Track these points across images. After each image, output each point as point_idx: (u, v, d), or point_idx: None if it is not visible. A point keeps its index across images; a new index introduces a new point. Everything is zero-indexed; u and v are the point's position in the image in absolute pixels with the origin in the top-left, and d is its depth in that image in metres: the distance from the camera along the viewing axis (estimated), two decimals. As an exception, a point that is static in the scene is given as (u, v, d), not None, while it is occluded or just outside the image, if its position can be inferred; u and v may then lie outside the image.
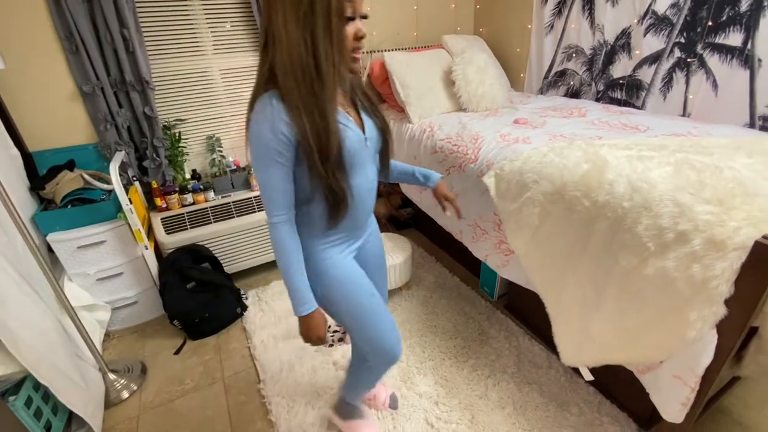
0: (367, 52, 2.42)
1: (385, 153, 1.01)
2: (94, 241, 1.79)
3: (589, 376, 1.31)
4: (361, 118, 0.93)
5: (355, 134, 0.88)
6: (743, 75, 1.57)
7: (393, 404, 1.51)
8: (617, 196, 1.11)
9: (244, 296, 2.18)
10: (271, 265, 2.44)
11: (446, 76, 2.26)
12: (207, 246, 2.11)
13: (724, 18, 1.59)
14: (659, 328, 1.02)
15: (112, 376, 1.66)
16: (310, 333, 0.94)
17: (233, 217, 2.17)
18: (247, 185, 2.30)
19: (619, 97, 2.04)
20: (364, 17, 0.81)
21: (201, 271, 2.01)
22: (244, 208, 2.21)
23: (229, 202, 2.18)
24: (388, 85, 2.30)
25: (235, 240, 2.20)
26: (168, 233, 2.03)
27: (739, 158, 1.17)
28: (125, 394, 1.65)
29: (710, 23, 1.63)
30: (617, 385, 1.44)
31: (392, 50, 2.42)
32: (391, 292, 2.13)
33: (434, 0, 2.63)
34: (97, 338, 1.76)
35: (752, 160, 1.15)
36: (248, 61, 2.28)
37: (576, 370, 1.55)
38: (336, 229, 0.94)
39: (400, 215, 2.86)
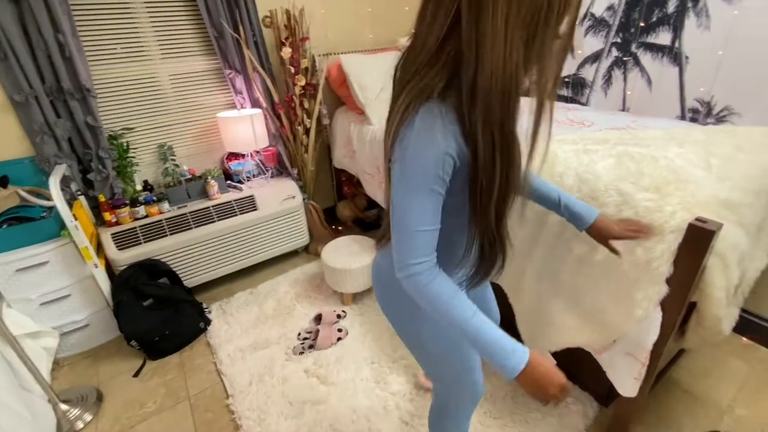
0: (323, 55, 2.40)
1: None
2: (35, 262, 1.66)
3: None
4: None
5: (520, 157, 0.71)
6: (673, 71, 1.71)
7: None
8: (567, 188, 1.17)
9: (206, 310, 2.09)
10: (234, 276, 2.37)
11: (403, 78, 2.29)
12: (164, 260, 2.01)
13: (654, 19, 1.73)
14: (611, 310, 1.09)
15: (63, 406, 1.54)
16: (549, 386, 0.66)
17: (191, 228, 2.08)
18: (204, 194, 2.22)
19: (566, 94, 2.16)
20: None
21: (158, 286, 1.91)
22: (202, 218, 2.13)
23: (186, 213, 2.09)
24: (347, 87, 2.30)
25: (194, 252, 2.11)
26: (120, 249, 1.91)
27: (672, 148, 1.27)
28: (79, 425, 1.53)
29: (642, 24, 1.76)
30: (578, 368, 1.52)
31: (349, 53, 2.42)
32: (361, 293, 2.13)
33: (388, 3, 2.66)
34: (45, 367, 1.63)
35: (683, 150, 1.25)
36: (199, 65, 2.19)
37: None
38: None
39: (367, 217, 2.87)
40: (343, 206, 2.81)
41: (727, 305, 1.07)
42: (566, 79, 2.13)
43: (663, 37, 1.71)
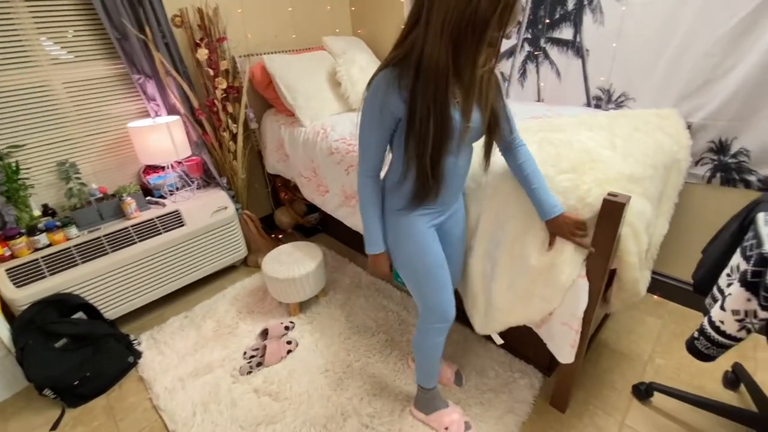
0: (244, 56, 2.28)
1: (488, 144, 1.10)
2: None
3: (499, 340, 1.44)
4: (470, 107, 0.95)
5: (456, 121, 0.93)
6: (577, 63, 1.88)
7: (458, 381, 1.55)
8: (497, 176, 1.23)
9: (135, 342, 1.88)
10: (166, 300, 2.16)
11: (332, 78, 2.26)
12: (77, 293, 1.77)
13: (557, 16, 1.88)
14: (542, 283, 1.16)
15: (-43, 482, 1.29)
16: (375, 269, 1.16)
17: (107, 253, 1.86)
18: (120, 214, 1.99)
19: (487, 88, 2.28)
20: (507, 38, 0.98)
21: (72, 323, 1.68)
22: (120, 240, 1.91)
23: (100, 237, 1.86)
24: (273, 89, 2.21)
25: (114, 279, 1.89)
26: (18, 286, 1.65)
27: (583, 132, 1.39)
28: (-18, 500, 1.29)
29: (548, 21, 1.91)
30: (522, 344, 1.61)
31: (271, 53, 2.33)
32: (308, 301, 2.06)
33: (309, 2, 2.60)
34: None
35: (592, 133, 1.38)
36: (100, 71, 1.96)
37: (488, 337, 1.69)
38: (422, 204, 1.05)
39: (307, 222, 2.79)
40: (281, 213, 2.70)
41: (640, 269, 1.20)
42: (487, 74, 2.25)
43: (566, 32, 1.87)
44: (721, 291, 1.06)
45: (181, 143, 2.06)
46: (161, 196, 2.19)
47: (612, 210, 1.02)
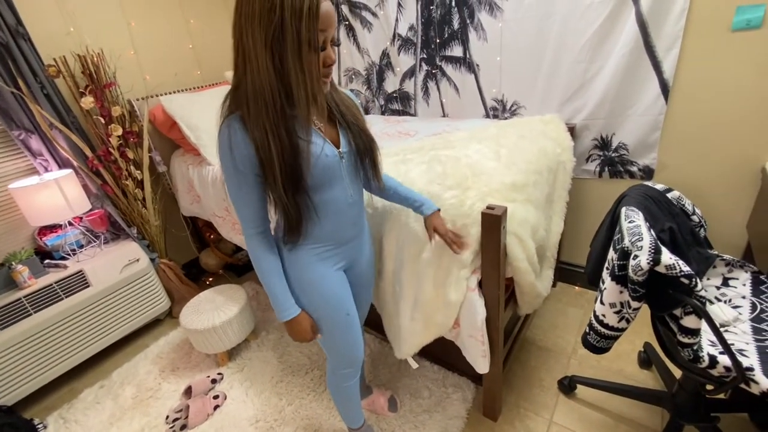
0: (142, 99, 2.18)
1: (370, 167, 1.03)
2: None
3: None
4: (338, 133, 0.94)
5: (328, 150, 0.90)
6: (471, 78, 1.98)
7: (392, 407, 1.51)
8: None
9: (39, 426, 1.68)
10: (77, 371, 1.96)
11: (239, 112, 2.20)
12: (-43, 383, 1.55)
13: (446, 35, 1.98)
14: (439, 300, 1.17)
15: None
16: (296, 336, 1.01)
17: (-6, 331, 1.66)
18: (11, 284, 1.78)
19: (397, 107, 2.34)
20: (338, 44, 0.87)
21: (-49, 421, 1.46)
22: (12, 314, 1.71)
23: (-17, 315, 1.65)
24: (178, 129, 2.12)
25: (8, 359, 1.68)
26: None
27: (473, 145, 1.45)
28: None
29: (438, 40, 2.00)
30: (453, 356, 1.61)
31: (173, 93, 2.24)
32: (238, 347, 1.95)
33: (210, 38, 2.54)
34: None
35: (481, 146, 1.44)
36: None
37: (425, 356, 1.68)
38: (318, 241, 0.99)
39: (237, 260, 2.67)
40: (206, 255, 2.57)
41: (535, 271, 1.25)
42: (394, 94, 2.31)
43: (457, 50, 1.97)
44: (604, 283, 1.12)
45: (77, 198, 1.90)
46: (62, 257, 2.00)
47: (491, 222, 1.06)
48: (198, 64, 2.52)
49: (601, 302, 1.04)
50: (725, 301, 1.19)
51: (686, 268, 0.86)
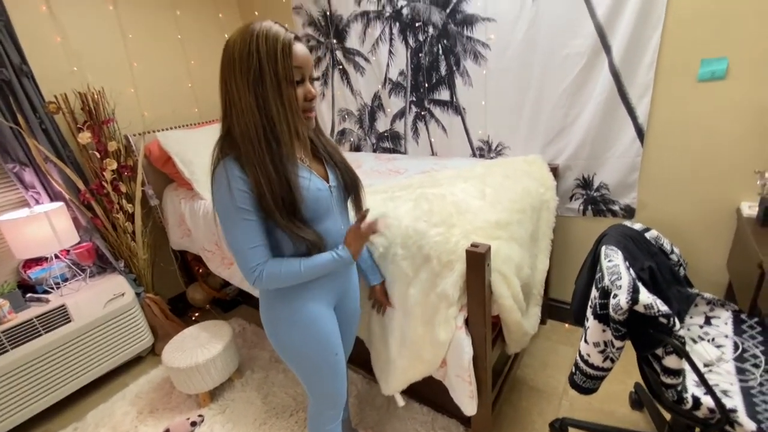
0: (139, 134, 2.23)
1: (354, 201, 1.08)
2: None
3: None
4: (325, 170, 1.00)
5: (319, 184, 0.95)
6: (458, 120, 2.07)
7: None
8: (376, 236, 1.26)
9: (4, 474, 1.57)
10: (52, 411, 1.86)
11: (234, 148, 2.26)
12: None
13: (434, 80, 2.09)
14: (427, 338, 1.17)
15: None
16: (361, 240, 0.99)
17: (-34, 369, 1.59)
18: (-11, 319, 1.74)
19: (388, 146, 2.42)
20: (316, 79, 0.91)
21: None
22: (-14, 351, 1.65)
23: (-44, 352, 1.59)
24: (172, 164, 2.16)
25: (-23, 400, 1.61)
26: None
27: (459, 184, 1.50)
28: None
29: (427, 85, 2.11)
30: (441, 397, 1.58)
31: (170, 129, 2.30)
32: (221, 387, 1.88)
33: (209, 76, 2.65)
34: None
35: (467, 185, 1.49)
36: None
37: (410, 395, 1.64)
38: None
39: (225, 295, 2.63)
40: (193, 290, 2.53)
41: (521, 309, 1.26)
42: (385, 134, 2.39)
43: (444, 94, 2.07)
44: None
45: (65, 230, 1.89)
46: (45, 291, 1.97)
47: (476, 259, 1.08)
48: (196, 101, 2.60)
49: (586, 341, 1.04)
50: (708, 340, 1.20)
51: (664, 308, 0.88)
